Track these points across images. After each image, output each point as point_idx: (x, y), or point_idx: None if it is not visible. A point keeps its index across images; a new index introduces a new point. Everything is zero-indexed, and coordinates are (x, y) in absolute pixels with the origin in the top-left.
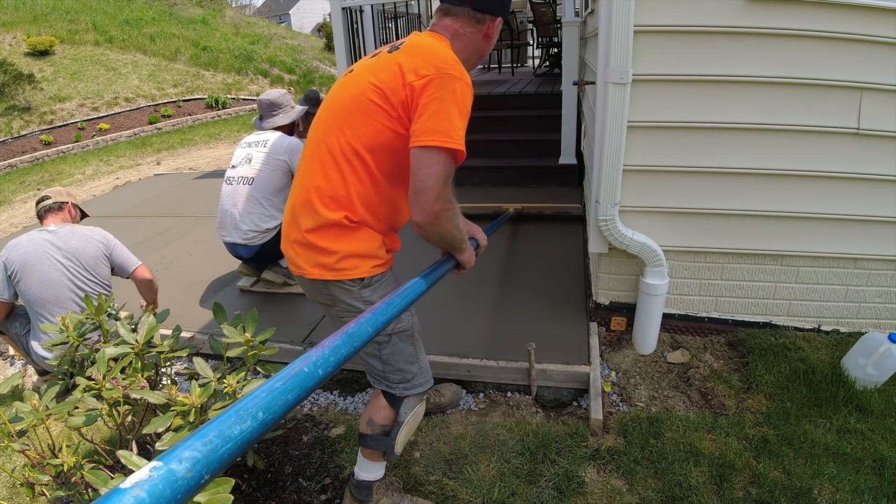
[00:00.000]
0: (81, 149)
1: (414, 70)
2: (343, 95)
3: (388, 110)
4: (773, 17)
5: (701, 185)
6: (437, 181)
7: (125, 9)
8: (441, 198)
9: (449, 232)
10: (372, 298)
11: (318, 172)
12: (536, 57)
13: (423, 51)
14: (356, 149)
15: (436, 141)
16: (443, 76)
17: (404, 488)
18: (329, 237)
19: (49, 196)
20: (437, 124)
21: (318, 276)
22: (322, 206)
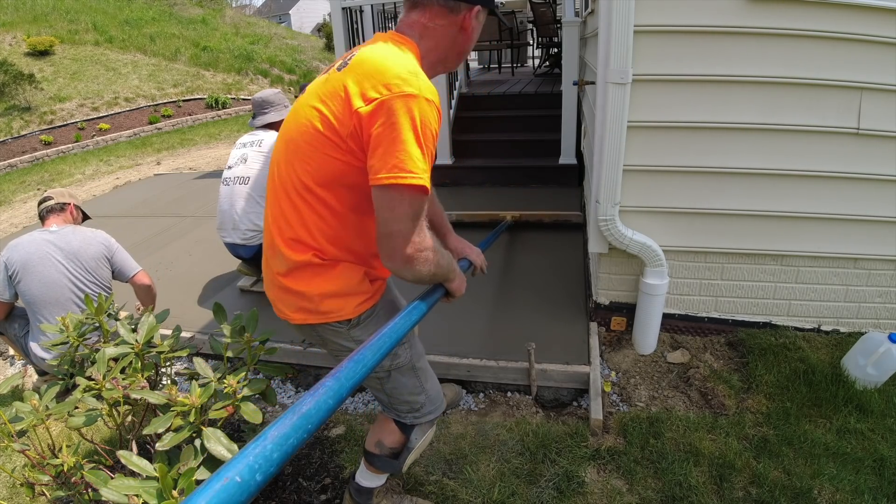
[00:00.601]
0: (81, 149)
1: (361, 93)
2: (292, 125)
3: (338, 142)
4: (773, 17)
5: (701, 185)
6: (403, 225)
7: (125, 9)
8: (411, 241)
9: (426, 274)
10: (363, 337)
11: (278, 212)
12: (536, 57)
13: (371, 67)
14: (308, 185)
15: (394, 178)
16: (395, 98)
17: (404, 488)
18: (303, 279)
19: (51, 197)
20: (393, 159)
21: (301, 321)
22: (287, 248)
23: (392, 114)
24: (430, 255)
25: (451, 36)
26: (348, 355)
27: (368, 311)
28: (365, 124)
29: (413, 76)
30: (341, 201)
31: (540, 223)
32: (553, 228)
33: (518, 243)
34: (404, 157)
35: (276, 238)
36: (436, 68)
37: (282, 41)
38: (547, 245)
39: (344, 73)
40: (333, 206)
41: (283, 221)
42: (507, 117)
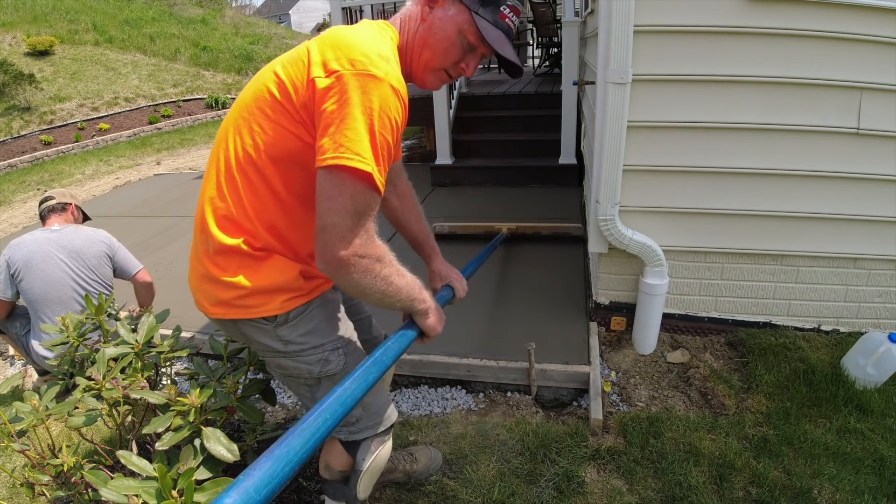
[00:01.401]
0: (81, 149)
1: (322, 62)
2: (248, 90)
3: (291, 112)
4: (773, 17)
5: (701, 185)
6: (342, 217)
7: (125, 9)
8: (348, 240)
9: (368, 287)
10: (291, 337)
11: (214, 186)
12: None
13: (340, 39)
14: (253, 158)
15: (342, 159)
16: (356, 75)
17: (405, 488)
18: (228, 268)
19: (53, 197)
20: (342, 138)
21: (222, 316)
22: (217, 226)
23: (348, 90)
24: (372, 265)
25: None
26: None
27: (300, 309)
28: (318, 97)
29: (382, 60)
30: (286, 183)
31: (538, 235)
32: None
33: (517, 243)
34: (353, 136)
35: (206, 215)
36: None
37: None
38: (547, 245)
39: (312, 41)
40: (276, 188)
41: (219, 196)
42: (507, 117)
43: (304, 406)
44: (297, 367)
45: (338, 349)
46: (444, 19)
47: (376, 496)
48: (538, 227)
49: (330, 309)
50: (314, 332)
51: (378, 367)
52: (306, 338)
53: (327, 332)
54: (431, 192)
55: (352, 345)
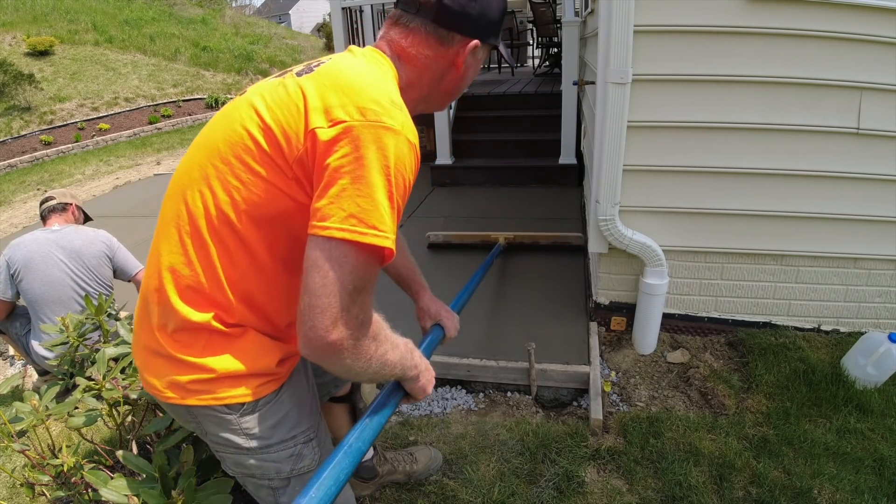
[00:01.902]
0: (81, 149)
1: (325, 109)
2: (218, 131)
3: (283, 166)
4: (773, 17)
5: (701, 185)
6: (338, 296)
7: (125, 9)
8: (342, 322)
9: (361, 370)
10: (257, 430)
11: (175, 246)
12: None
13: (344, 80)
14: (230, 219)
15: (346, 231)
16: (369, 126)
17: (405, 488)
18: (193, 347)
19: (53, 197)
20: (351, 203)
21: (174, 401)
22: (180, 298)
23: (361, 146)
24: (367, 346)
25: (437, 72)
26: None
27: (271, 395)
28: (321, 151)
29: (395, 107)
30: (270, 248)
31: (536, 245)
32: (552, 225)
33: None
34: (368, 205)
35: (166, 284)
36: (415, 107)
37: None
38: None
39: (305, 78)
40: (258, 254)
41: (184, 262)
42: (507, 117)
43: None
44: (262, 465)
45: (311, 440)
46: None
47: (376, 496)
48: (537, 236)
49: (301, 387)
50: (284, 420)
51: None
52: (275, 430)
53: (299, 418)
54: (431, 192)
55: (322, 432)
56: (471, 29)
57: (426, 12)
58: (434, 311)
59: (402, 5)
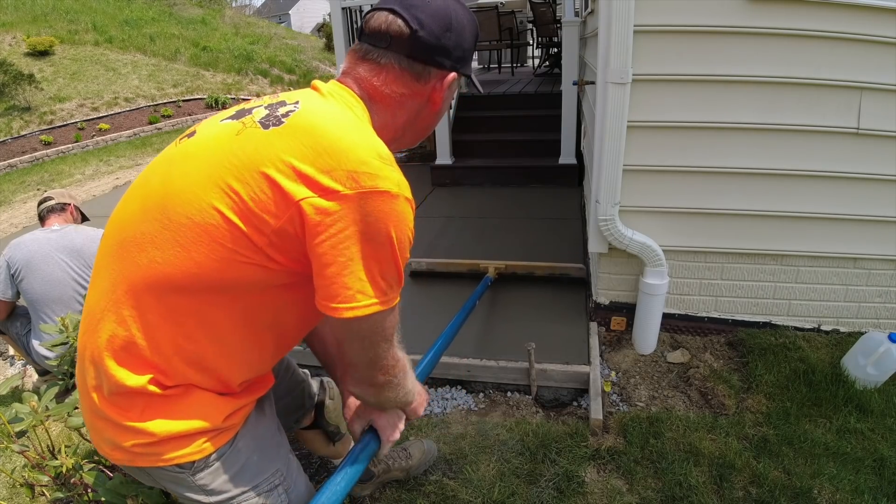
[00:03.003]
0: (81, 149)
1: (310, 176)
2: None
3: (255, 239)
4: (773, 17)
5: (701, 185)
6: (372, 353)
7: (125, 9)
8: (386, 367)
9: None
10: (214, 486)
11: (111, 303)
12: (536, 57)
13: (326, 138)
14: (183, 286)
15: (354, 310)
16: (365, 196)
17: (405, 488)
18: (132, 409)
19: (52, 197)
20: (353, 282)
21: (123, 463)
22: (114, 360)
23: (360, 219)
24: (402, 380)
25: (413, 110)
26: None
27: (224, 448)
28: (312, 225)
29: (385, 164)
30: (232, 315)
31: (531, 276)
32: (552, 225)
33: (517, 240)
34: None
35: (99, 345)
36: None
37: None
38: (547, 240)
39: (274, 134)
40: (214, 320)
41: (118, 322)
42: (506, 117)
43: None
44: None
45: (276, 487)
46: (451, 95)
47: (376, 496)
48: (532, 266)
49: (261, 431)
50: (243, 471)
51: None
52: (234, 482)
53: (260, 466)
54: (431, 192)
55: (292, 473)
56: (448, 62)
57: (399, 47)
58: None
59: (370, 39)
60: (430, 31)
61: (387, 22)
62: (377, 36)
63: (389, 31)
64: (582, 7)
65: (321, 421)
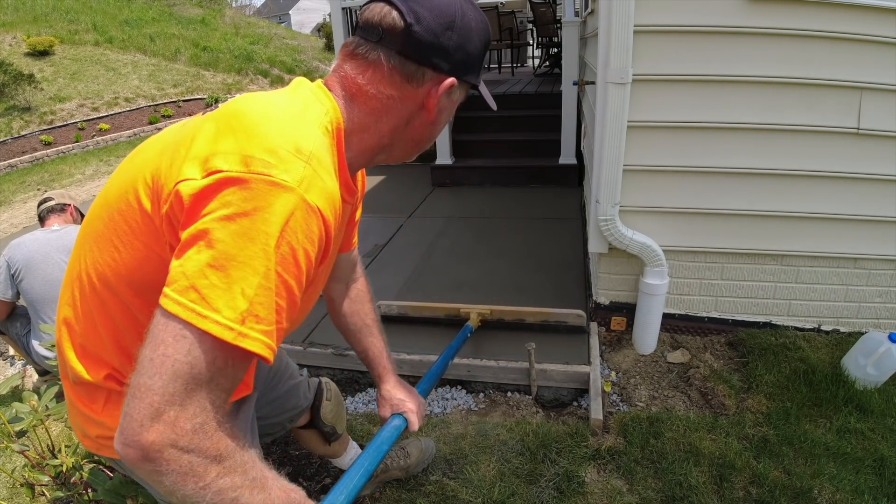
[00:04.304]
0: (81, 149)
1: (206, 157)
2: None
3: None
4: (773, 17)
5: (701, 185)
6: (161, 380)
7: (125, 9)
8: (164, 418)
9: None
10: None
11: (70, 299)
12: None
13: (246, 119)
14: (111, 282)
15: (180, 305)
16: (251, 181)
17: (405, 488)
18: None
19: (52, 198)
20: (197, 272)
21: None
22: (75, 355)
23: (233, 203)
24: (201, 466)
25: (403, 116)
26: None
27: None
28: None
29: (298, 159)
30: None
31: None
32: (552, 225)
33: (517, 240)
34: (219, 281)
35: (62, 336)
36: (372, 156)
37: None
38: (547, 240)
39: (205, 119)
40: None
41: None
42: (507, 117)
43: None
44: None
45: None
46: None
47: (376, 496)
48: (522, 312)
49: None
50: None
51: None
52: None
53: None
54: (431, 192)
55: None
56: (446, 64)
57: (390, 41)
58: (397, 401)
59: (362, 31)
60: (428, 27)
61: (381, 13)
62: (369, 28)
63: (382, 24)
64: (582, 7)
65: (317, 421)
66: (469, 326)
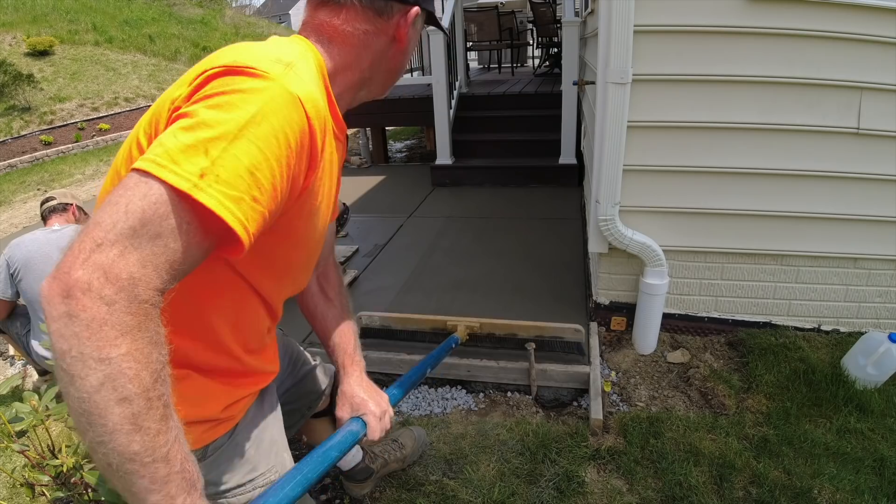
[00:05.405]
0: (81, 149)
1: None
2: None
3: None
4: (773, 17)
5: (701, 185)
6: (109, 216)
7: (125, 9)
8: (99, 255)
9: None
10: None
11: None
12: (536, 57)
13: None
14: None
15: (148, 161)
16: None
17: (405, 488)
18: None
19: (54, 197)
20: (170, 139)
21: None
22: None
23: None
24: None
25: (379, 49)
26: None
27: (222, 439)
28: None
29: (279, 63)
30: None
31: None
32: (552, 225)
33: (517, 240)
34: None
35: None
36: (356, 92)
37: None
38: (548, 239)
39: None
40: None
41: None
42: (507, 117)
43: None
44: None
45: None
46: (416, 34)
47: (376, 496)
48: (514, 325)
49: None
50: (240, 465)
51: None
52: (230, 475)
53: (257, 460)
54: (431, 192)
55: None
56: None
57: None
58: (359, 400)
59: None
60: None
61: None
62: None
63: None
64: (582, 7)
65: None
66: (455, 337)
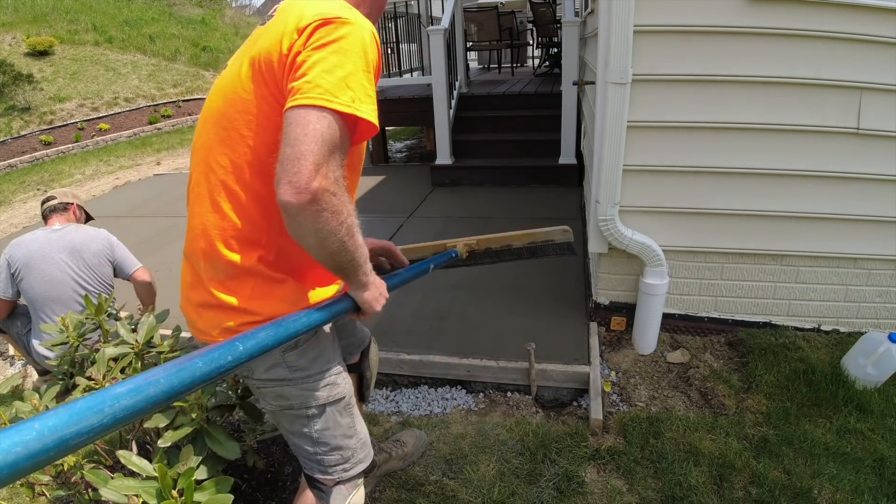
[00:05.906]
0: (81, 149)
1: (295, 28)
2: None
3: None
4: (773, 17)
5: (701, 185)
6: (315, 145)
7: (125, 9)
8: (321, 171)
9: (331, 234)
10: (299, 363)
11: (209, 207)
12: (536, 57)
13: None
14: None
15: (316, 99)
16: (335, 20)
17: (405, 488)
18: (241, 291)
19: (55, 196)
20: (321, 79)
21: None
22: (226, 247)
23: (332, 32)
24: (343, 206)
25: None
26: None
27: (310, 333)
28: (297, 49)
29: (346, 10)
30: None
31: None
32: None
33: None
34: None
35: (213, 239)
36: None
37: None
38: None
39: (273, 21)
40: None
41: (218, 218)
42: (507, 117)
43: (294, 443)
44: (303, 395)
45: (342, 372)
46: None
47: (376, 496)
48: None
49: (332, 332)
50: (321, 356)
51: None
52: (314, 363)
53: (332, 354)
54: (431, 192)
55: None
56: None
57: None
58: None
59: None
60: None
61: None
62: None
63: None
64: (582, 7)
65: (363, 364)
66: (455, 251)
